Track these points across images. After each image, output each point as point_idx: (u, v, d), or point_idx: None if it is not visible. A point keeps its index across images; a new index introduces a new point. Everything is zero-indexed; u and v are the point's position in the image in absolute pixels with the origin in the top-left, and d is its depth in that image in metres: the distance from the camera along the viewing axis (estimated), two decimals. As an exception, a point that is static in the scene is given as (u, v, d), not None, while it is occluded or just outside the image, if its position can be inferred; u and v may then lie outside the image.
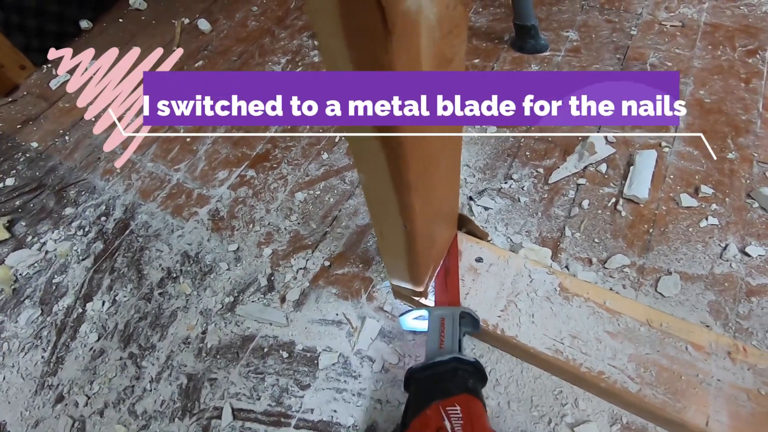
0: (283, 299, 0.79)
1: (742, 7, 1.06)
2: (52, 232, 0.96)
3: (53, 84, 1.28)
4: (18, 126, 1.21)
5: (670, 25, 1.05)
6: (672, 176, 0.82)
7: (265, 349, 0.74)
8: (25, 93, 1.30)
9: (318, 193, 0.92)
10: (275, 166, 0.98)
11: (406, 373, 0.59)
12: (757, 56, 0.96)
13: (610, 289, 0.71)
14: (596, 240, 0.77)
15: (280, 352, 0.73)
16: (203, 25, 1.34)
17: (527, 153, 0.90)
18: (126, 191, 1.00)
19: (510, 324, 0.64)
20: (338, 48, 0.30)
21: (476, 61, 1.08)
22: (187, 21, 1.39)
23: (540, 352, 0.62)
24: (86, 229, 0.95)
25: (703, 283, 0.70)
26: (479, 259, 0.71)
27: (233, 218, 0.91)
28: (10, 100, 1.28)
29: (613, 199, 0.81)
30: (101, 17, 1.48)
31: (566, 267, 0.75)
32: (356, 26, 0.27)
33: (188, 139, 1.07)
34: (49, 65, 1.36)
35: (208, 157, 1.03)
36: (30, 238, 0.96)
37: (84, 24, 1.43)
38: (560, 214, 0.81)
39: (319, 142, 1.00)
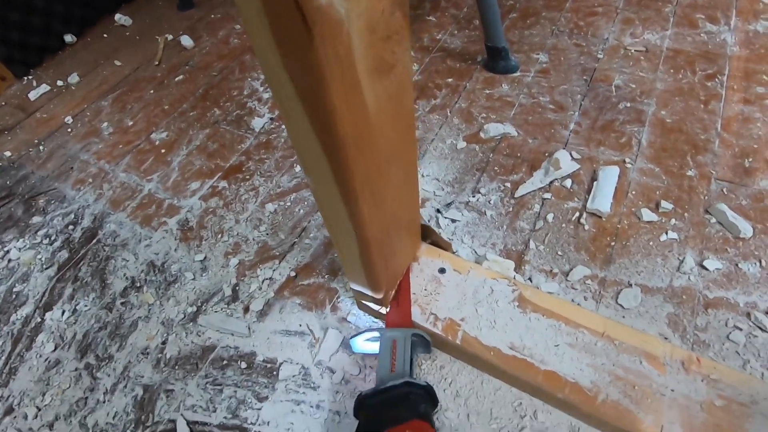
0: (246, 309, 0.78)
1: (702, 35, 1.10)
2: (17, 241, 0.94)
3: (32, 95, 1.29)
4: (-7, 135, 1.20)
5: (635, 50, 1.09)
6: (634, 192, 0.83)
7: (225, 360, 0.73)
8: (3, 103, 1.30)
9: (288, 204, 0.92)
10: (248, 177, 0.99)
11: (356, 400, 0.58)
12: (716, 80, 1.00)
13: (572, 300, 0.72)
14: (560, 252, 0.77)
15: (240, 363, 0.72)
16: (186, 41, 1.36)
17: (495, 168, 0.91)
18: (96, 201, 1.00)
19: (470, 327, 0.64)
20: (269, 49, 0.31)
21: (450, 80, 1.11)
22: (170, 37, 1.41)
23: (499, 355, 0.61)
24: (52, 238, 0.94)
25: (662, 296, 0.71)
26: (442, 270, 0.71)
27: (202, 228, 0.91)
28: (-13, 109, 1.28)
29: (577, 213, 0.82)
30: (86, 32, 1.50)
31: (529, 279, 0.75)
32: (281, 26, 0.28)
33: (163, 151, 1.08)
34: (30, 77, 1.37)
35: (181, 168, 1.03)
36: (-6, 246, 0.94)
37: (68, 38, 1.45)
38: (525, 227, 0.82)
39: (293, 155, 1.01)
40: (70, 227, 0.96)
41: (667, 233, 0.77)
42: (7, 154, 1.14)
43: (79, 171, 1.07)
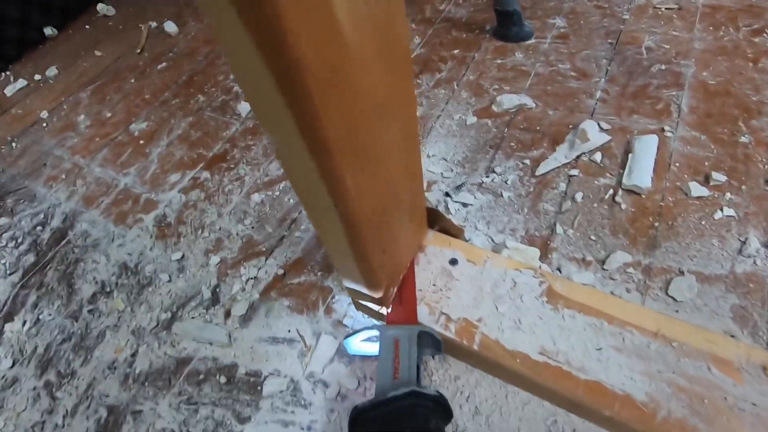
0: (227, 314, 0.67)
1: (742, -12, 0.97)
2: (-19, 245, 0.85)
3: (8, 91, 1.21)
4: (-34, 134, 1.12)
5: (666, 8, 0.97)
6: (677, 164, 0.71)
7: (202, 375, 0.62)
8: (-22, 101, 1.22)
9: (277, 194, 0.82)
10: (232, 166, 0.88)
11: (350, 413, 0.47)
12: (764, 35, 0.87)
13: (612, 293, 0.60)
14: (593, 237, 0.65)
15: (219, 377, 0.61)
16: (170, 27, 1.27)
17: (512, 144, 0.80)
18: (68, 198, 0.90)
19: (490, 329, 0.53)
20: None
21: (456, 51, 0.99)
22: (154, 25, 1.32)
23: (527, 362, 0.50)
24: (19, 241, 0.85)
25: (723, 285, 0.58)
26: (453, 261, 0.59)
27: (181, 224, 0.81)
28: (-38, 108, 1.20)
29: (611, 191, 0.70)
30: (68, 25, 1.42)
31: (558, 269, 0.63)
32: None
33: (142, 142, 0.98)
34: (8, 72, 1.29)
35: (160, 160, 0.93)
36: (-45, 251, 0.85)
37: (48, 31, 1.37)
38: (550, 209, 0.70)
39: (282, 140, 0.91)
40: (38, 228, 0.86)
41: (722, 210, 0.64)
42: (-21, 152, 1.06)
43: (52, 167, 0.98)
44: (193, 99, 1.05)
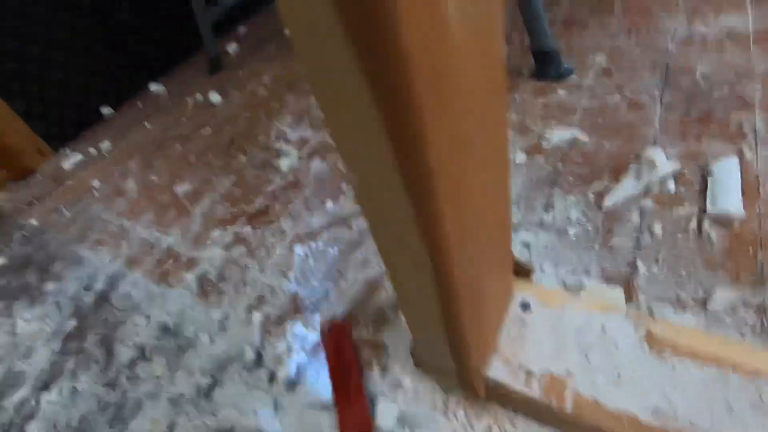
0: (272, 377, 0.61)
1: (794, 9, 0.93)
2: (26, 311, 0.84)
3: (66, 165, 1.27)
4: (24, 206, 1.17)
5: (713, 37, 0.93)
6: (768, 186, 0.63)
7: (245, 449, 0.55)
8: (39, 176, 1.29)
9: (321, 245, 0.78)
10: (274, 220, 0.86)
11: None
12: (834, 50, 0.81)
13: (724, 338, 0.50)
14: (684, 273, 0.57)
15: (264, 451, 0.54)
16: (214, 97, 1.33)
17: (569, 178, 0.74)
18: (112, 261, 0.90)
19: (583, 384, 0.44)
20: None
21: (495, 95, 0.98)
22: (201, 98, 1.40)
23: (636, 427, 0.40)
24: (62, 305, 0.83)
25: None
26: (525, 305, 0.52)
27: (223, 281, 0.77)
28: (23, 182, 1.27)
29: (695, 221, 0.62)
30: (123, 104, 1.52)
31: (649, 311, 0.54)
32: None
33: (185, 202, 0.98)
34: (66, 149, 1.37)
35: (203, 218, 0.92)
36: (1, 319, 0.84)
37: (105, 111, 1.47)
38: (626, 244, 0.62)
39: (323, 191, 0.89)
40: (82, 292, 0.85)
41: (839, 234, 0.55)
42: (34, 222, 1.09)
43: (99, 232, 0.99)
44: (235, 159, 1.07)
